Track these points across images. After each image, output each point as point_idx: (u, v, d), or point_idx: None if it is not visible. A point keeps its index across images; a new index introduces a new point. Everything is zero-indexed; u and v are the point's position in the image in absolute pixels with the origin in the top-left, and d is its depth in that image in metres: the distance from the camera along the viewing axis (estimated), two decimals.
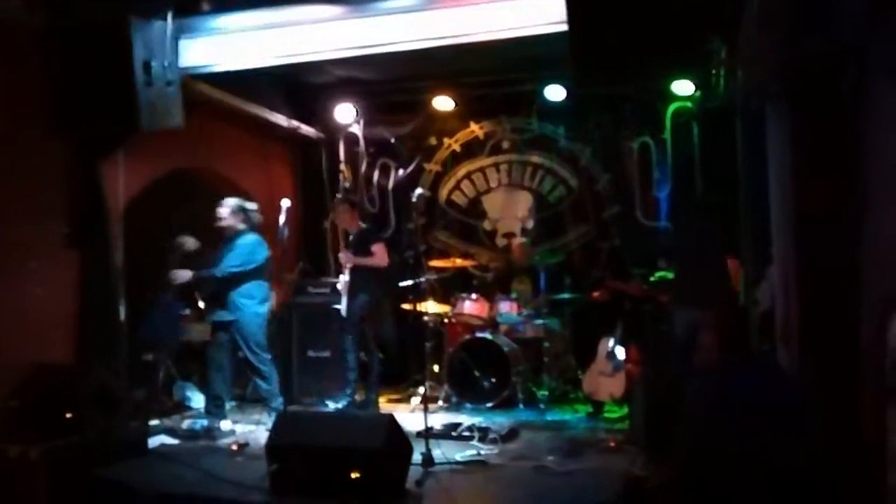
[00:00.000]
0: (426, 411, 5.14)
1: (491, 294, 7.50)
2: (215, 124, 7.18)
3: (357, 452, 4.16)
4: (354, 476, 4.07)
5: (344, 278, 6.79)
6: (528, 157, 8.31)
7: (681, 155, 7.66)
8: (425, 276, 6.86)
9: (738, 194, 5.70)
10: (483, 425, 5.76)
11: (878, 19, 3.53)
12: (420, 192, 7.06)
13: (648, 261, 6.87)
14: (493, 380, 6.87)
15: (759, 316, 5.61)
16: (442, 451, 4.89)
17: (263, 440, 4.59)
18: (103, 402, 5.11)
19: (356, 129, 8.60)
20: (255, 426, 6.08)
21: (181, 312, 7.28)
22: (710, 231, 5.98)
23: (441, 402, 6.96)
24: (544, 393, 6.93)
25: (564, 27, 4.70)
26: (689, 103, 7.54)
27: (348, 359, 6.75)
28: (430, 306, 7.17)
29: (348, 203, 7.23)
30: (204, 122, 6.67)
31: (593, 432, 5.92)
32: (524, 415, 6.60)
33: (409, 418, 5.82)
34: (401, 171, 8.61)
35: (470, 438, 5.48)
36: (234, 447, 5.43)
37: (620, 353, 6.50)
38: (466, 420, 6.01)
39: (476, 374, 6.90)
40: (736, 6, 4.56)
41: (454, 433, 5.63)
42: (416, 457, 4.61)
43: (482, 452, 5.18)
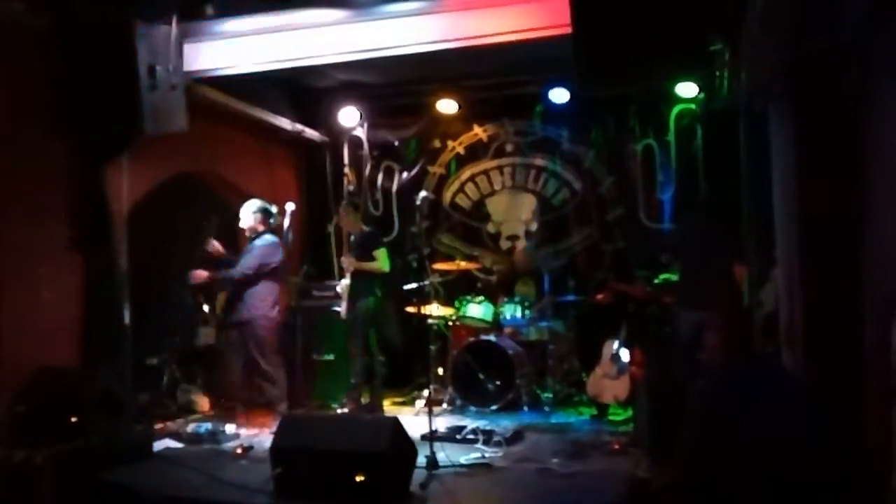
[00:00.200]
0: (430, 414, 5.16)
1: (495, 297, 7.51)
2: (219, 128, 7.18)
3: (361, 455, 4.17)
4: (359, 479, 4.08)
5: (345, 282, 6.80)
6: (532, 159, 8.30)
7: (684, 157, 7.64)
8: (429, 279, 6.87)
9: (741, 196, 5.69)
10: (487, 428, 5.75)
11: (881, 19, 3.53)
12: (424, 194, 7.08)
13: (652, 263, 6.86)
14: (498, 382, 6.86)
15: (762, 317, 5.60)
16: (446, 454, 4.90)
17: (268, 443, 4.60)
18: (108, 406, 5.11)
19: (360, 133, 8.60)
20: (259, 429, 6.08)
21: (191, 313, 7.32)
22: (713, 233, 5.97)
23: (445, 405, 6.96)
24: (548, 395, 6.93)
25: (568, 30, 4.70)
26: (692, 105, 7.52)
27: (353, 362, 6.75)
28: (434, 309, 7.16)
29: (351, 206, 7.26)
30: (208, 125, 6.68)
31: (598, 434, 5.90)
32: (528, 417, 6.59)
33: (414, 421, 5.84)
34: (404, 174, 8.62)
35: (474, 441, 5.49)
36: (239, 450, 5.44)
37: (625, 355, 6.49)
38: (471, 423, 6.00)
39: (480, 377, 6.89)
40: (739, 7, 4.55)
41: (458, 436, 5.64)
42: (421, 459, 4.63)
43: (486, 455, 5.17)
